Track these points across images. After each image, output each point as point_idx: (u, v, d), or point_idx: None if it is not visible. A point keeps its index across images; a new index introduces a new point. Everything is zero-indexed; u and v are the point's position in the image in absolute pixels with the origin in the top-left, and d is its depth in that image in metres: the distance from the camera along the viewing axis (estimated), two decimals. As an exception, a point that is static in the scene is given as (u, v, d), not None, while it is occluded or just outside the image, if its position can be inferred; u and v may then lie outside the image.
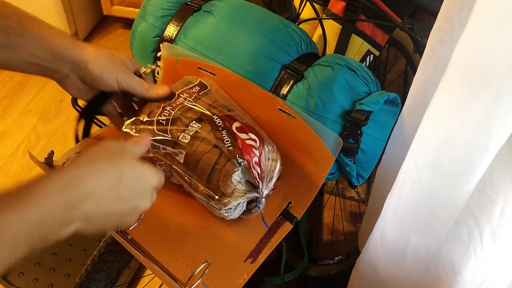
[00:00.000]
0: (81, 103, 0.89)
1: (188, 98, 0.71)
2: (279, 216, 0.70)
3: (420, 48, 1.02)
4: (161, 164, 0.70)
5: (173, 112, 0.68)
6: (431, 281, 0.74)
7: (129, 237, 0.63)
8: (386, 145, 0.82)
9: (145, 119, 0.69)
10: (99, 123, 0.86)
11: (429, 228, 0.68)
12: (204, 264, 0.60)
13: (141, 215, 0.63)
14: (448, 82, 0.55)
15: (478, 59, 0.50)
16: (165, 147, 0.67)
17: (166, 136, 0.67)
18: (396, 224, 0.73)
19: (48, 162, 0.70)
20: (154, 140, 0.68)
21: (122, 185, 0.48)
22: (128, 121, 0.71)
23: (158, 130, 0.68)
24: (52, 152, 0.71)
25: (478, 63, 0.50)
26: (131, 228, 0.63)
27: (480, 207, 0.62)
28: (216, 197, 0.64)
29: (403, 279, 0.78)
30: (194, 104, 0.70)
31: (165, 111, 0.69)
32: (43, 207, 0.42)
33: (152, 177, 0.53)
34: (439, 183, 0.62)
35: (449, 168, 0.60)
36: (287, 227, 0.69)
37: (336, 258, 1.27)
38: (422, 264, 0.73)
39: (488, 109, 0.51)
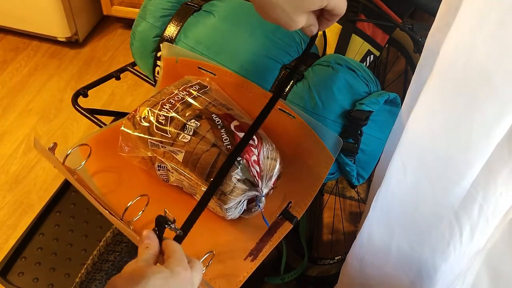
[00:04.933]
0: (81, 102, 0.90)
1: (188, 96, 0.71)
2: (279, 216, 0.70)
3: (420, 48, 1.02)
4: (160, 167, 0.71)
5: (171, 111, 0.69)
6: (415, 278, 0.74)
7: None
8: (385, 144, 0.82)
9: (144, 117, 0.69)
10: (99, 123, 0.87)
11: (413, 225, 0.69)
12: (208, 254, 0.60)
13: (147, 200, 0.62)
14: (434, 81, 0.55)
15: (460, 58, 0.50)
16: (165, 145, 0.67)
17: (165, 136, 0.67)
18: (383, 219, 0.73)
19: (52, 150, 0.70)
20: (154, 139, 0.68)
21: None
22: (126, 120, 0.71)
23: (158, 130, 0.68)
24: (55, 144, 0.70)
25: (460, 63, 0.50)
26: (136, 219, 0.63)
27: (461, 204, 0.62)
28: (216, 195, 0.64)
29: (388, 276, 0.79)
30: (194, 102, 0.70)
31: (164, 108, 0.69)
32: None
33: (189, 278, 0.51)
34: (423, 181, 0.63)
35: (433, 166, 0.60)
36: (287, 227, 0.69)
37: (336, 258, 1.27)
38: (406, 261, 0.74)
39: (470, 109, 0.52)
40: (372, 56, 1.02)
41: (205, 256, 0.60)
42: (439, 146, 0.58)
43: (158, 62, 0.85)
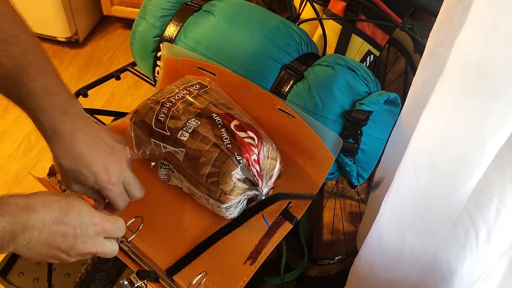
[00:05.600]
0: (81, 102, 0.89)
1: (188, 96, 0.71)
2: (278, 216, 0.70)
3: (420, 48, 1.03)
4: (162, 165, 0.71)
5: (172, 109, 0.69)
6: (429, 281, 0.74)
7: (129, 244, 0.63)
8: (386, 145, 0.82)
9: (144, 116, 0.69)
10: (98, 123, 0.87)
11: (425, 228, 0.68)
12: (201, 275, 0.60)
13: (141, 222, 0.63)
14: (445, 82, 0.55)
15: (474, 60, 0.50)
16: (166, 145, 0.67)
17: (165, 134, 0.67)
18: (393, 222, 0.73)
19: (52, 178, 0.70)
20: (155, 138, 0.68)
21: (65, 220, 0.50)
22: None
23: (158, 128, 0.68)
24: (53, 166, 0.70)
25: (474, 64, 0.50)
26: (133, 237, 0.63)
27: (476, 206, 0.62)
28: (216, 195, 0.64)
29: (401, 279, 0.78)
30: (194, 101, 0.70)
31: (164, 107, 0.69)
32: None
33: (99, 223, 0.54)
34: (435, 182, 0.62)
35: (445, 168, 0.60)
36: (287, 227, 0.69)
37: (336, 258, 1.27)
38: (419, 264, 0.73)
39: (483, 110, 0.52)
40: (372, 56, 1.02)
41: (198, 277, 0.61)
42: (451, 148, 0.57)
43: (158, 62, 0.85)
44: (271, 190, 0.69)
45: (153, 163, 0.72)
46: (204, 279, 0.61)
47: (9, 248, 0.47)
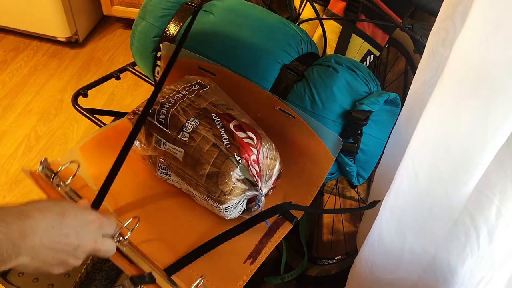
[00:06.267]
0: (81, 102, 0.90)
1: (188, 96, 0.71)
2: (279, 216, 0.70)
3: (420, 48, 1.02)
4: (160, 168, 0.70)
5: (172, 109, 0.69)
6: (429, 282, 0.74)
7: (127, 242, 0.62)
8: (386, 145, 0.82)
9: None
10: (98, 123, 0.87)
11: (426, 228, 0.68)
12: (199, 280, 0.61)
13: (137, 221, 0.62)
14: (445, 82, 0.55)
15: (475, 61, 0.50)
16: (166, 142, 0.67)
17: (165, 135, 0.67)
18: (393, 223, 0.73)
19: (45, 171, 0.69)
20: (154, 137, 0.68)
21: (64, 222, 0.51)
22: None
23: (158, 129, 0.68)
24: (45, 159, 0.70)
25: (475, 65, 0.50)
26: (128, 235, 0.62)
27: (476, 207, 0.62)
28: (215, 196, 0.64)
29: (401, 279, 0.78)
30: (194, 101, 0.70)
31: (164, 107, 0.69)
32: None
33: (96, 220, 0.55)
34: (435, 183, 0.62)
35: (445, 168, 0.60)
36: (287, 227, 0.69)
37: (336, 258, 1.27)
38: (419, 264, 0.73)
39: (484, 110, 0.52)
40: (372, 56, 1.02)
41: (196, 282, 0.60)
42: (451, 148, 0.58)
43: (158, 62, 0.85)
44: (271, 190, 0.69)
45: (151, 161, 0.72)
46: (202, 281, 0.61)
47: (12, 260, 0.46)
